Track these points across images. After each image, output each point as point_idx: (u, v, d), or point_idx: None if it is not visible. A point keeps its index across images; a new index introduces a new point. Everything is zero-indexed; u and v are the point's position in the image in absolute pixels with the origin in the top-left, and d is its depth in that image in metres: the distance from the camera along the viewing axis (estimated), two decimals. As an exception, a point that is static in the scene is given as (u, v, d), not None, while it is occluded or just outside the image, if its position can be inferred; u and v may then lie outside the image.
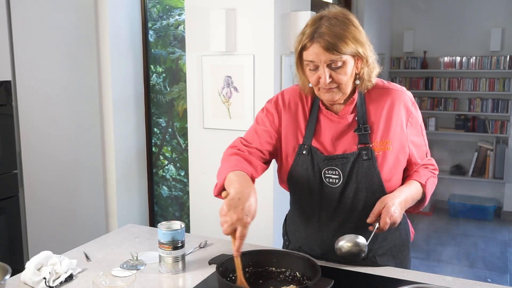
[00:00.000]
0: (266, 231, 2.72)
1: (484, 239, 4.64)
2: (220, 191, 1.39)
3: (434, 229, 4.92)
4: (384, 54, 5.42)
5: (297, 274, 1.38)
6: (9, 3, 2.43)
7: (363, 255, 1.33)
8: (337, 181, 1.44)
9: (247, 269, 1.39)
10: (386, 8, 5.50)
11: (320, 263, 1.38)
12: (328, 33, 1.31)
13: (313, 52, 1.33)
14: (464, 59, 5.46)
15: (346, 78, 1.37)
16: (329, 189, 1.45)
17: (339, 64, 1.34)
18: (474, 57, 5.40)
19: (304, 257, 1.39)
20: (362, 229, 1.40)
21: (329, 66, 1.34)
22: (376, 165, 1.42)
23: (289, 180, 1.52)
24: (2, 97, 2.39)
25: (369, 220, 1.36)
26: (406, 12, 5.69)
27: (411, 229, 1.65)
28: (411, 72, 5.74)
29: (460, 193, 5.52)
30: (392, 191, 1.43)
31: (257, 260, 1.36)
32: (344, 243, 1.33)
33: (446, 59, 5.56)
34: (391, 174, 1.44)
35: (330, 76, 1.35)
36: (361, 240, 1.33)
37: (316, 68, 1.36)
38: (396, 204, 1.36)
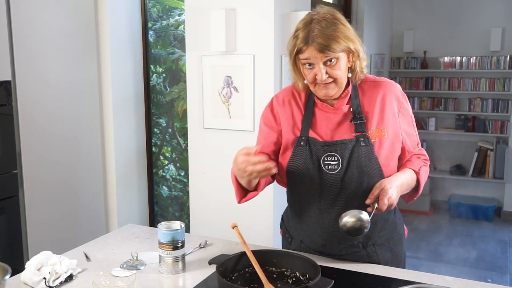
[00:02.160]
0: (266, 231, 2.72)
1: (484, 239, 4.64)
2: (240, 194, 1.55)
3: (434, 229, 4.92)
4: (384, 54, 5.42)
5: (297, 274, 1.38)
6: (9, 3, 2.43)
7: (365, 230, 1.36)
8: (336, 167, 1.48)
9: (247, 269, 1.39)
10: (386, 8, 5.50)
11: (320, 262, 1.38)
12: (320, 36, 1.40)
13: (309, 53, 1.42)
14: (464, 59, 5.46)
15: (341, 73, 1.45)
16: (328, 176, 1.50)
17: (333, 61, 1.43)
18: (474, 57, 5.39)
19: (304, 257, 1.39)
20: None
21: (324, 63, 1.42)
22: (374, 150, 1.47)
23: (288, 173, 1.56)
24: (2, 97, 2.39)
25: (368, 202, 1.41)
26: (406, 12, 5.68)
27: (404, 226, 1.71)
28: (411, 72, 5.74)
29: (460, 193, 5.52)
30: (389, 176, 1.49)
31: (257, 260, 1.36)
32: (348, 218, 1.37)
33: (446, 59, 5.55)
34: (388, 159, 1.50)
35: (326, 73, 1.43)
36: (365, 215, 1.36)
37: (312, 66, 1.44)
38: (393, 187, 1.41)
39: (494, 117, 5.38)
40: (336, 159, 1.48)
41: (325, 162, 1.49)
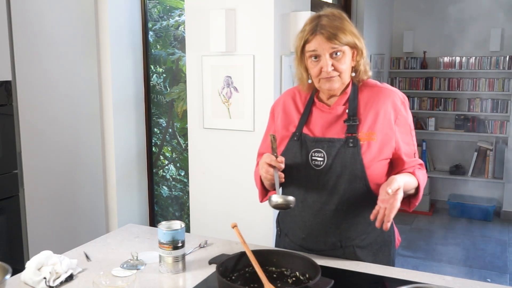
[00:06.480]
0: (266, 231, 2.72)
1: (484, 239, 4.64)
2: (262, 194, 1.66)
3: (434, 229, 4.92)
4: (384, 54, 5.42)
5: (297, 274, 1.38)
6: (9, 3, 2.43)
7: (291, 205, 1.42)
8: (321, 163, 1.53)
9: (247, 269, 1.39)
10: (386, 8, 5.50)
11: (320, 262, 1.38)
12: (329, 25, 1.47)
13: (316, 43, 1.47)
14: (464, 59, 5.46)
15: (346, 67, 1.51)
16: (314, 171, 1.54)
17: (339, 54, 1.48)
18: (474, 57, 5.40)
19: (304, 257, 1.39)
20: (341, 211, 1.51)
21: (330, 56, 1.48)
22: (360, 152, 1.50)
23: None
24: (2, 97, 2.39)
25: (372, 217, 1.39)
26: (406, 12, 5.68)
27: (397, 236, 1.70)
28: (411, 72, 5.74)
29: (460, 193, 5.52)
30: (373, 178, 1.50)
31: (257, 260, 1.36)
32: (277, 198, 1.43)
33: (446, 59, 5.55)
34: (372, 162, 1.51)
35: (332, 65, 1.48)
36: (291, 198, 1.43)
37: (318, 58, 1.49)
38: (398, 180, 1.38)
39: (493, 117, 5.39)
40: (322, 155, 1.53)
41: (313, 158, 1.54)
